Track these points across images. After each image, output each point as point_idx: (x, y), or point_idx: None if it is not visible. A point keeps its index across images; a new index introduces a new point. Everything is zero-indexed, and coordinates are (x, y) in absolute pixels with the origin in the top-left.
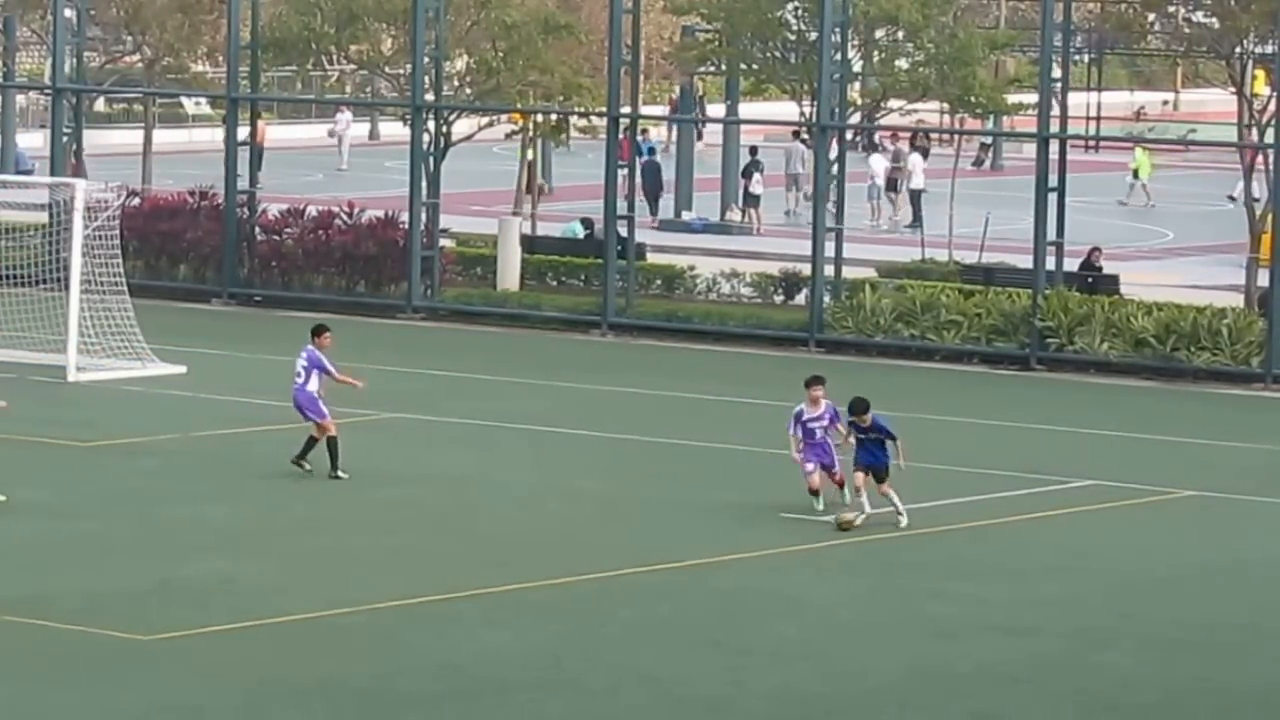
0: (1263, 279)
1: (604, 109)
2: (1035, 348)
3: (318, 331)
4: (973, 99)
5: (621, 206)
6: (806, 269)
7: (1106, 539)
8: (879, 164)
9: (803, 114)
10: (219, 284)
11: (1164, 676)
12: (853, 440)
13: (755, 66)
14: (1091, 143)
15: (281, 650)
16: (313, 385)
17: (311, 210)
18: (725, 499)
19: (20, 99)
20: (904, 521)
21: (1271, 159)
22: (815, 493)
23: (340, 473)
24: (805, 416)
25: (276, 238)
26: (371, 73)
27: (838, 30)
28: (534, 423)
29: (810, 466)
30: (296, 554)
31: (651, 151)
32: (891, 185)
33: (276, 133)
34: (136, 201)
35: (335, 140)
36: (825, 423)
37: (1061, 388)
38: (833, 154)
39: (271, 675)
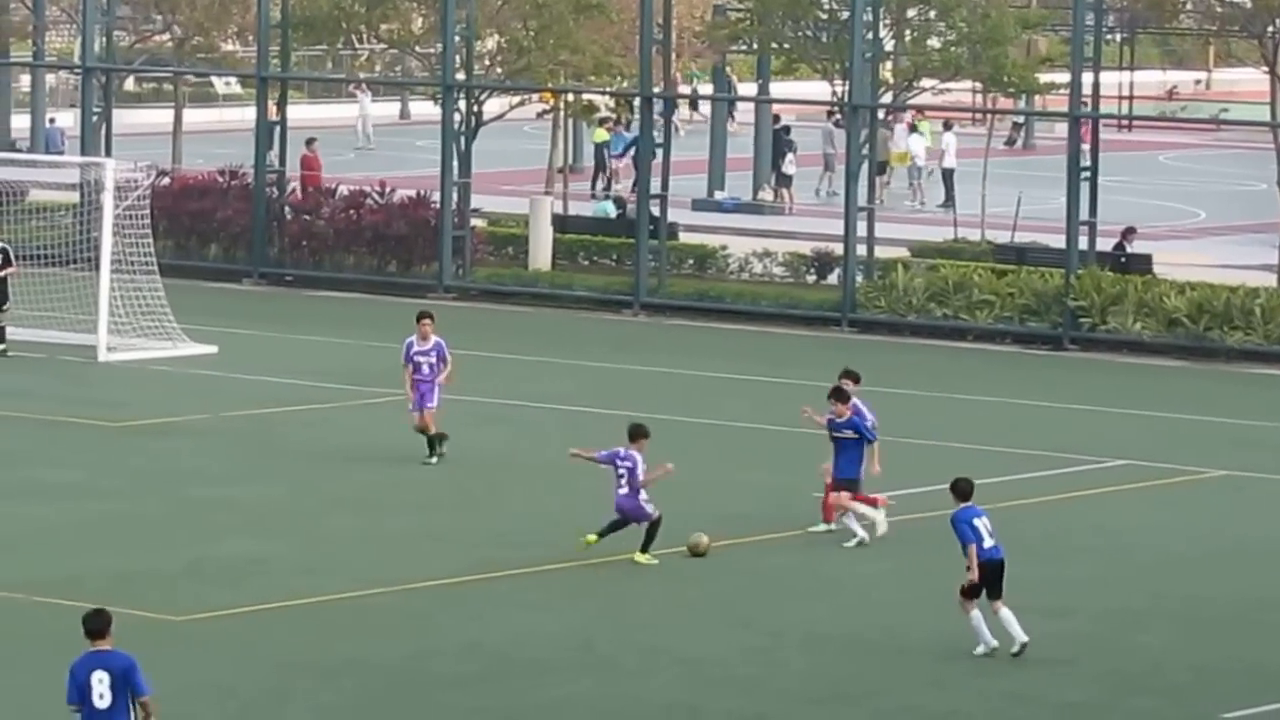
0: None
1: (635, 88)
2: (1068, 327)
3: (635, 435)
4: (1005, 78)
5: (654, 186)
6: (839, 248)
7: (1139, 519)
8: (918, 144)
9: (834, 93)
10: (249, 264)
11: (1197, 656)
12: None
13: (787, 45)
14: (1124, 122)
15: (312, 631)
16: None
17: (342, 189)
18: (757, 479)
19: (50, 78)
20: (866, 538)
21: None
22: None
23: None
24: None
25: (307, 217)
26: (402, 52)
27: (869, 9)
28: (565, 403)
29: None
30: (327, 534)
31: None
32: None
33: (306, 112)
34: (166, 181)
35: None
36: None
37: (1094, 367)
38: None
39: (302, 655)
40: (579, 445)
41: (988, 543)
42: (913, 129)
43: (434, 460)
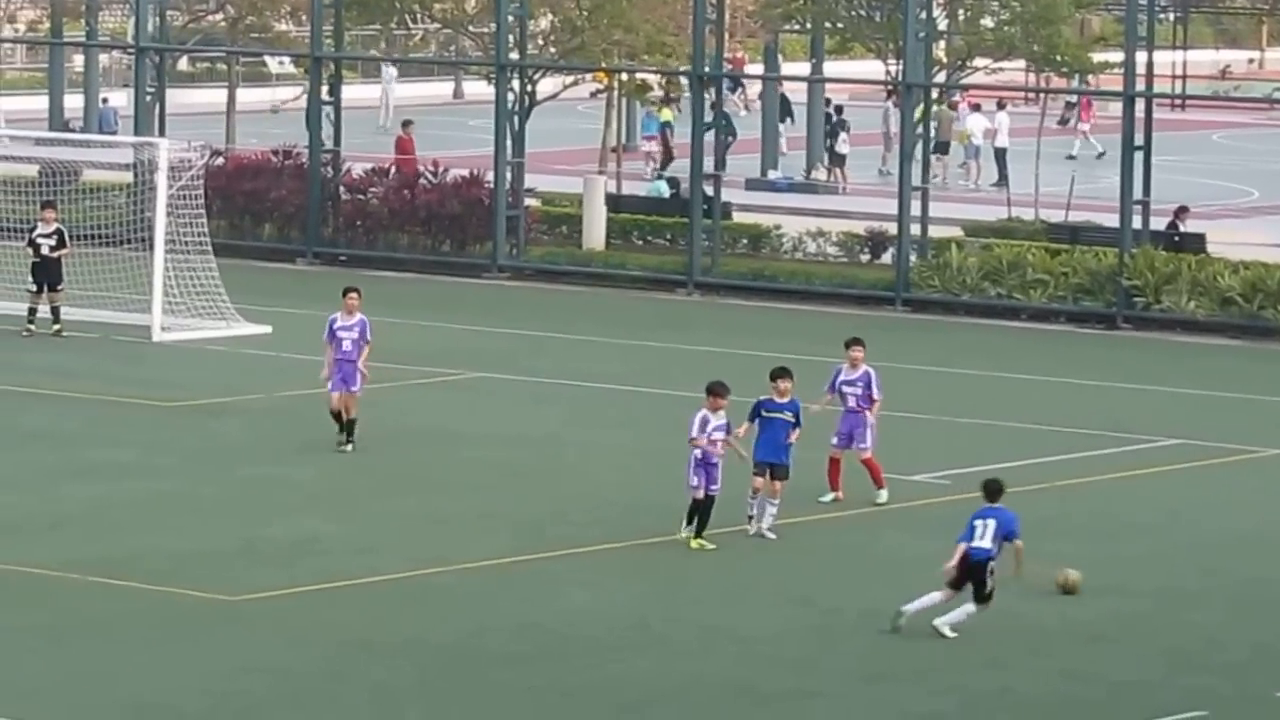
0: None
1: (688, 67)
2: (1122, 306)
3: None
4: (1058, 57)
5: (708, 165)
6: (893, 228)
7: (1194, 498)
8: (977, 123)
9: (888, 73)
10: (303, 243)
11: (1252, 634)
12: (755, 425)
13: (840, 25)
14: (1177, 101)
15: (368, 610)
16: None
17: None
18: (813, 458)
19: (103, 58)
20: (772, 536)
21: None
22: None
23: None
24: (842, 378)
25: (361, 197)
26: (455, 31)
27: None
28: (620, 382)
29: (837, 440)
30: (382, 514)
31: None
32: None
33: (359, 92)
34: (220, 161)
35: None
36: (860, 389)
37: (1148, 346)
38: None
39: (358, 635)
40: (633, 423)
41: (979, 542)
42: (975, 108)
43: (348, 448)
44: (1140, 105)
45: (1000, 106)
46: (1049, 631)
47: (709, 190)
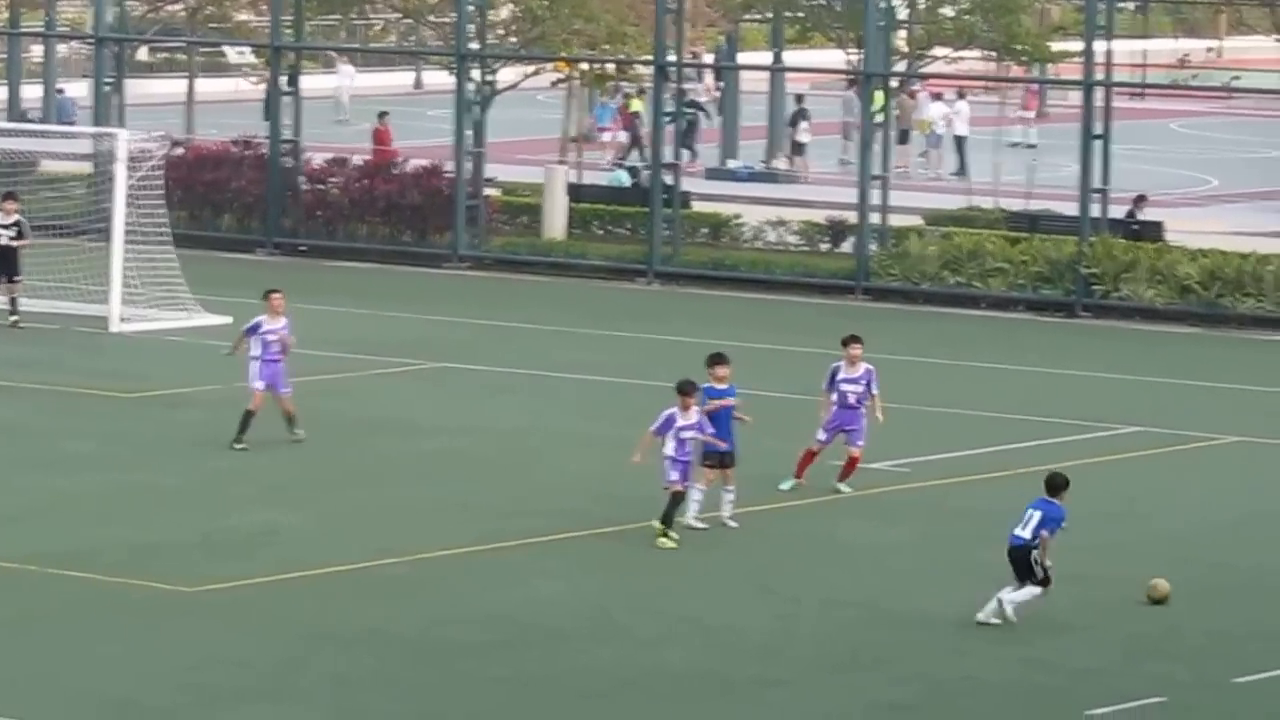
0: None
1: (649, 57)
2: (1081, 294)
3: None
4: (1018, 46)
5: (667, 154)
6: (853, 216)
7: (1153, 485)
8: (938, 111)
9: (848, 62)
10: (263, 234)
11: (1211, 621)
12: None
13: (800, 14)
14: (1136, 90)
15: (328, 601)
16: None
17: (356, 159)
18: (773, 447)
19: (62, 48)
20: (696, 522)
21: None
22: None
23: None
24: (841, 376)
25: (321, 187)
26: (416, 21)
27: None
28: (581, 371)
29: (824, 437)
30: (343, 505)
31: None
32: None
33: (319, 82)
34: (180, 151)
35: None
36: (861, 387)
37: (1107, 334)
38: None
39: (318, 626)
40: (593, 413)
41: (1019, 531)
42: (936, 97)
43: (301, 434)
44: (1100, 94)
45: (960, 95)
46: (1012, 621)
47: (669, 179)
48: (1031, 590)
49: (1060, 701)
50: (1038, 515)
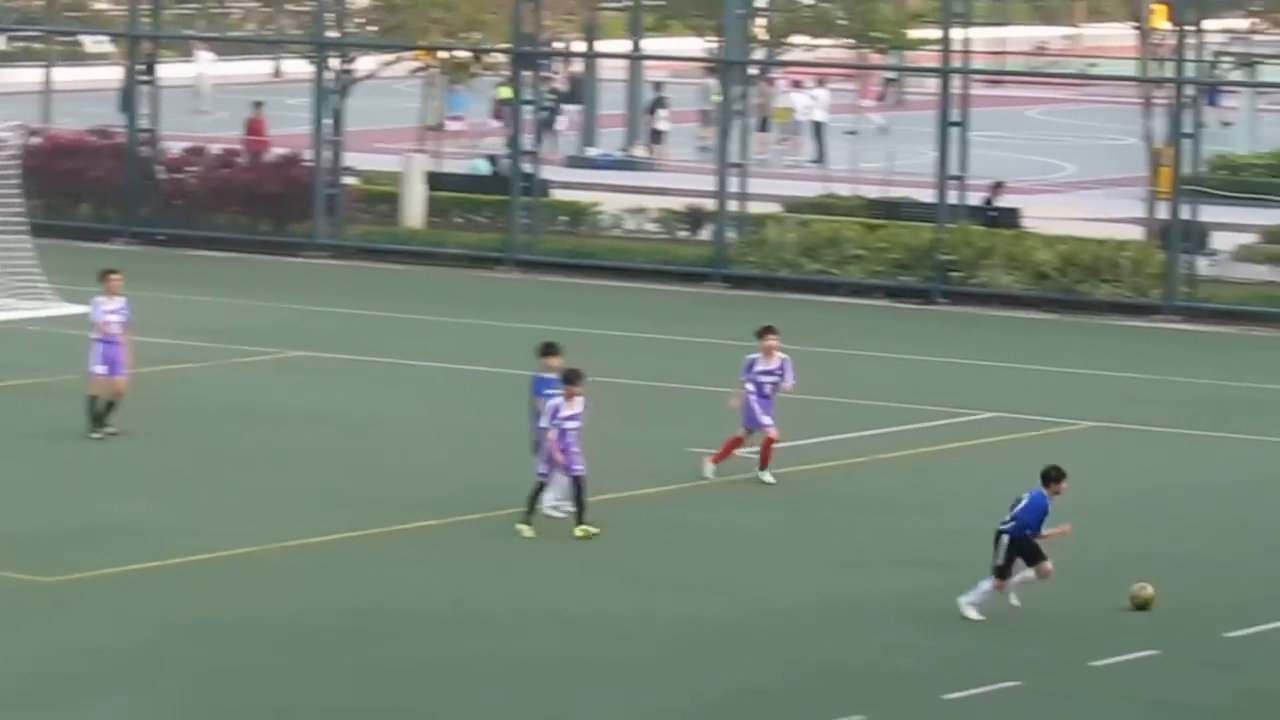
0: (1162, 212)
1: (508, 44)
2: (938, 281)
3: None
4: (876, 34)
5: (527, 143)
6: (712, 204)
7: (1010, 471)
8: (800, 100)
9: (707, 50)
10: (121, 223)
11: (1067, 605)
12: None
13: (660, 2)
14: (994, 77)
15: (190, 591)
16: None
17: (214, 148)
18: (633, 434)
19: None
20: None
21: (1170, 93)
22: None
23: None
24: (759, 368)
25: (179, 176)
26: (274, 9)
27: None
28: (440, 360)
29: (742, 432)
30: (207, 493)
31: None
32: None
33: (178, 71)
34: (37, 140)
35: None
36: (778, 377)
37: (964, 321)
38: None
39: (179, 616)
40: (453, 401)
41: (1006, 517)
42: (796, 85)
43: (100, 435)
44: (957, 81)
45: (820, 83)
46: (871, 604)
47: (528, 168)
48: (1026, 575)
49: (920, 686)
50: (1024, 501)
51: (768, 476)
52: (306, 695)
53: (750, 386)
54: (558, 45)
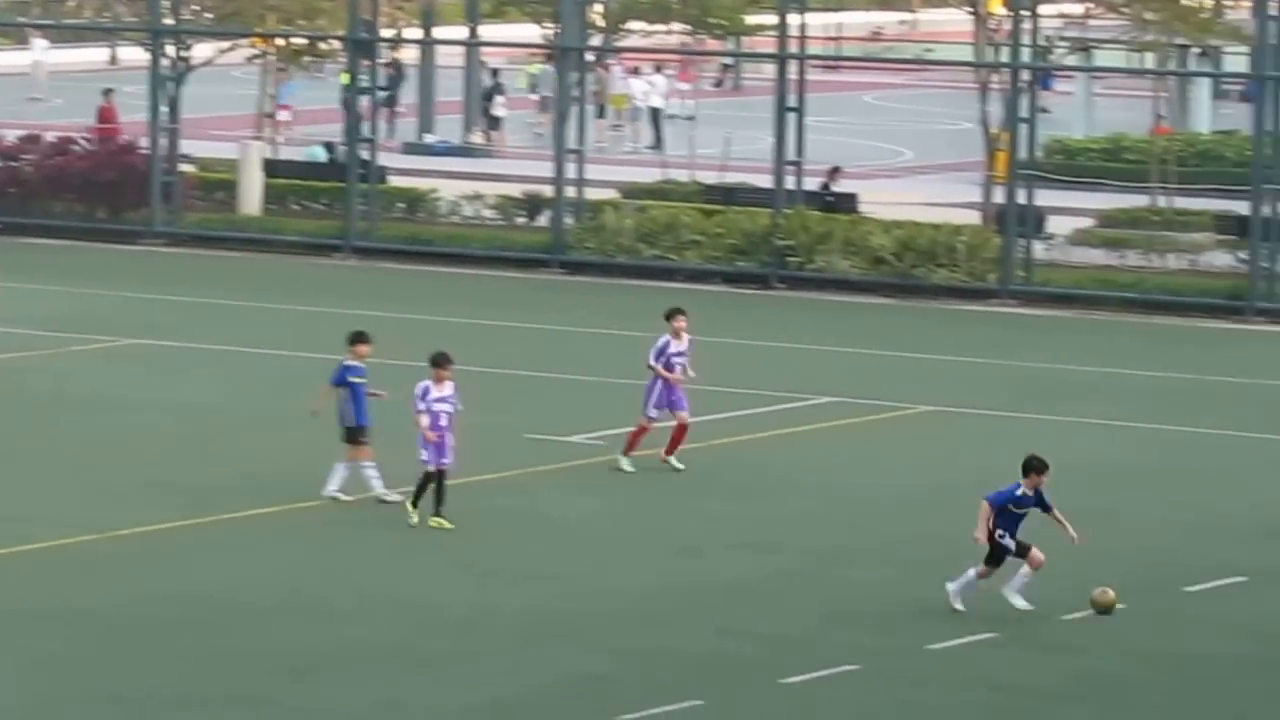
0: (998, 196)
1: (344, 32)
2: (776, 266)
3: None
4: (712, 20)
5: (364, 129)
6: (549, 190)
7: (847, 455)
8: (638, 86)
9: (544, 36)
10: None
11: (904, 589)
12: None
13: None
14: (831, 63)
15: (22, 579)
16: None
17: (49, 136)
18: (470, 420)
19: None
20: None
21: (1007, 78)
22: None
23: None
24: (672, 350)
25: (14, 164)
26: None
27: None
28: (277, 347)
29: (654, 414)
30: (37, 481)
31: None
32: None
33: (12, 59)
34: None
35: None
36: (688, 359)
37: (802, 306)
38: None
39: (11, 604)
40: (289, 389)
41: None
42: (633, 71)
43: None
44: (794, 67)
45: (657, 69)
46: (704, 589)
47: (365, 154)
48: (1021, 572)
49: (756, 671)
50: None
51: (676, 462)
52: (144, 683)
53: (662, 369)
54: (389, 33)
